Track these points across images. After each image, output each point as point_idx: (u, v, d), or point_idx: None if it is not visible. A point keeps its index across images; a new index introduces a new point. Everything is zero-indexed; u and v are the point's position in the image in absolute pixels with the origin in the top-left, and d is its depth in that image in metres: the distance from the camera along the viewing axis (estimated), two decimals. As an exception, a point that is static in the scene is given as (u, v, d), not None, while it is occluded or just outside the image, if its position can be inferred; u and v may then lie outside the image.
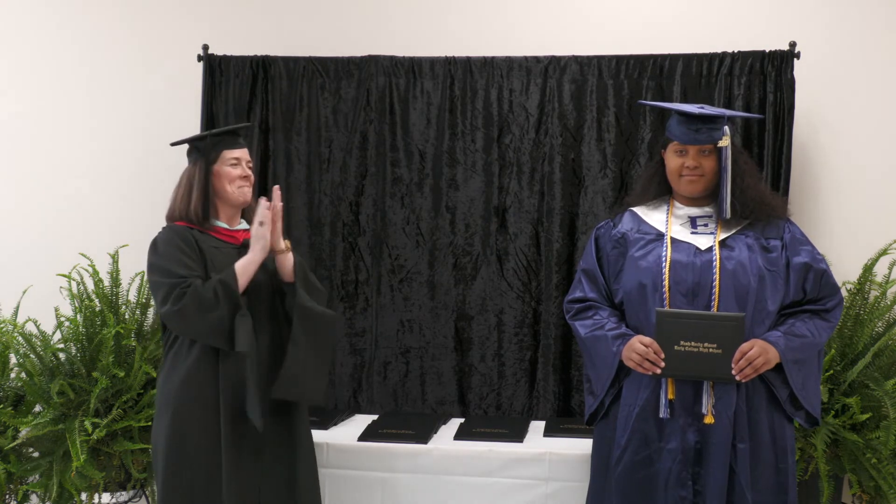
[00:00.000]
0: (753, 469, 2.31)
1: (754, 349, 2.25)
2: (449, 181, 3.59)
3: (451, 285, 3.59)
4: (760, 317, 2.34)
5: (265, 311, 2.52)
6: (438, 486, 2.93)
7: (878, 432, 2.91)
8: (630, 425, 2.40)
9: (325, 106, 3.65)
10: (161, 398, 2.47)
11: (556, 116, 3.52)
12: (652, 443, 2.37)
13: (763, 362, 2.26)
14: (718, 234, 2.38)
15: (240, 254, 2.49)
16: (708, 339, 2.25)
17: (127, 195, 3.85)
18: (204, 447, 2.39)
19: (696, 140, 2.36)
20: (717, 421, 2.29)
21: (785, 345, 2.29)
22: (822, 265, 2.40)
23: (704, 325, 2.26)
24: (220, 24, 3.84)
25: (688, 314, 2.30)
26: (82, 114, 3.90)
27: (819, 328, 2.36)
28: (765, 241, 2.39)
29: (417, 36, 3.73)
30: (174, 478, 2.40)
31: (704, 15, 3.63)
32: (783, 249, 2.38)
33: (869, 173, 3.56)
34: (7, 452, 3.12)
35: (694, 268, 2.35)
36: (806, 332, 2.33)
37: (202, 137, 2.57)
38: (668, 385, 2.33)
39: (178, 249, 2.42)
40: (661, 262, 2.38)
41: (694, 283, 2.33)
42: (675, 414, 2.33)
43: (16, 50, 3.90)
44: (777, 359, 2.29)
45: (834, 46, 3.56)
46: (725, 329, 2.24)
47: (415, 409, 3.59)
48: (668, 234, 2.42)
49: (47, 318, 3.36)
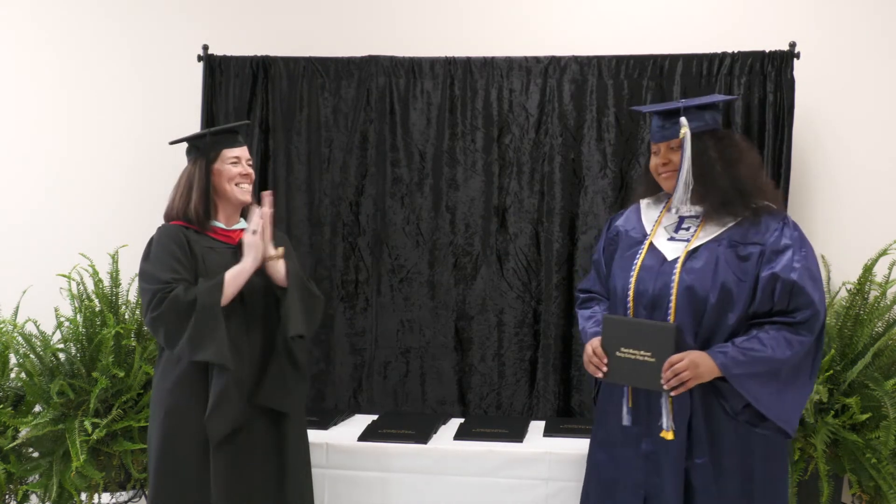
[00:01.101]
0: (717, 481, 2.24)
1: (683, 362, 2.17)
2: (449, 181, 3.59)
3: (451, 285, 3.59)
4: (719, 330, 2.24)
5: (259, 315, 2.52)
6: (438, 485, 2.93)
7: (878, 432, 2.91)
8: (601, 426, 2.44)
9: (325, 106, 3.65)
10: (155, 400, 2.49)
11: (556, 116, 3.52)
12: (615, 447, 2.37)
13: (691, 376, 2.16)
14: (693, 241, 2.30)
15: (235, 254, 2.49)
16: (644, 348, 2.22)
17: (127, 195, 3.85)
18: (194, 449, 2.40)
19: (662, 137, 2.34)
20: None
21: (729, 359, 2.18)
22: (795, 275, 2.19)
23: (641, 333, 2.23)
24: (220, 25, 3.84)
25: (627, 321, 2.28)
26: (82, 114, 3.90)
27: (781, 342, 2.18)
28: (742, 247, 2.25)
29: (417, 36, 3.73)
30: (165, 478, 2.42)
31: (704, 15, 3.63)
32: (760, 257, 2.24)
33: (869, 173, 3.56)
34: (7, 452, 3.12)
35: (656, 279, 2.29)
36: (760, 346, 2.18)
37: (202, 136, 2.57)
38: (628, 392, 2.32)
39: (168, 253, 2.43)
40: (631, 271, 2.35)
41: (654, 295, 2.27)
42: (636, 422, 2.32)
43: (15, 50, 3.90)
44: (713, 373, 2.19)
45: (834, 46, 3.56)
46: (657, 338, 2.20)
47: (415, 409, 3.59)
48: (649, 239, 2.38)
49: (47, 318, 3.36)
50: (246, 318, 2.48)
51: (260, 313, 2.52)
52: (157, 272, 2.40)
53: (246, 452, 2.45)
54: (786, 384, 2.24)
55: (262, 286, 2.51)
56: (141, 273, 2.47)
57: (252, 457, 2.46)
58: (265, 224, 2.47)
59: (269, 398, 2.48)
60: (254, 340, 2.49)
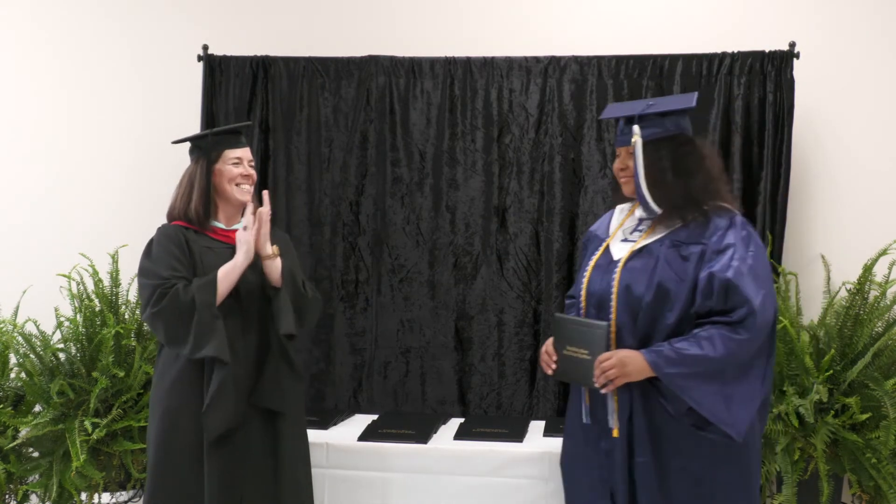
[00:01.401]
0: (662, 482, 2.23)
1: (610, 361, 2.19)
2: (449, 181, 3.59)
3: (452, 285, 3.59)
4: (657, 329, 2.23)
5: (255, 313, 2.52)
6: (438, 485, 2.93)
7: (878, 432, 2.91)
8: (568, 424, 2.48)
9: (325, 106, 3.65)
10: (153, 399, 2.51)
11: (556, 116, 3.52)
12: (579, 445, 2.41)
13: (618, 374, 2.18)
14: (639, 242, 2.31)
15: (233, 254, 2.50)
16: (583, 346, 2.26)
17: (127, 195, 3.85)
18: (190, 449, 2.41)
19: (620, 141, 2.36)
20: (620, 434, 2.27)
21: (661, 358, 2.17)
22: (730, 273, 2.16)
23: (580, 332, 2.28)
24: (220, 24, 3.84)
25: (569, 321, 2.33)
26: (82, 114, 3.90)
27: (716, 340, 2.14)
28: (685, 247, 2.24)
29: (417, 36, 3.73)
30: (162, 478, 2.43)
31: (704, 15, 3.63)
32: (700, 257, 2.22)
33: (869, 173, 3.56)
34: (7, 452, 3.12)
35: (602, 279, 2.32)
36: (693, 345, 2.16)
37: (203, 136, 2.58)
38: (585, 391, 2.34)
39: (167, 252, 2.44)
40: (584, 271, 2.39)
41: (600, 295, 2.31)
42: (593, 420, 2.34)
43: (15, 50, 3.90)
44: (644, 372, 2.18)
45: (834, 46, 3.56)
46: (593, 337, 2.25)
47: (415, 409, 3.59)
48: (607, 241, 2.41)
49: (47, 318, 3.36)
50: (242, 318, 2.48)
51: (256, 313, 2.52)
52: (156, 268, 2.42)
53: (241, 452, 2.45)
54: (730, 386, 2.19)
55: (259, 285, 2.52)
56: (140, 269, 2.48)
57: (247, 456, 2.46)
58: (261, 222, 2.48)
59: (266, 398, 2.48)
60: (249, 341, 2.49)
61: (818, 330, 3.18)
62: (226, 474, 2.41)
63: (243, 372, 2.45)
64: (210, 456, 2.39)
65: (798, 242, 3.56)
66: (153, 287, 2.39)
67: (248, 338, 2.49)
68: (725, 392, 2.19)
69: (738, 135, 3.41)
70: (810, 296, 3.44)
